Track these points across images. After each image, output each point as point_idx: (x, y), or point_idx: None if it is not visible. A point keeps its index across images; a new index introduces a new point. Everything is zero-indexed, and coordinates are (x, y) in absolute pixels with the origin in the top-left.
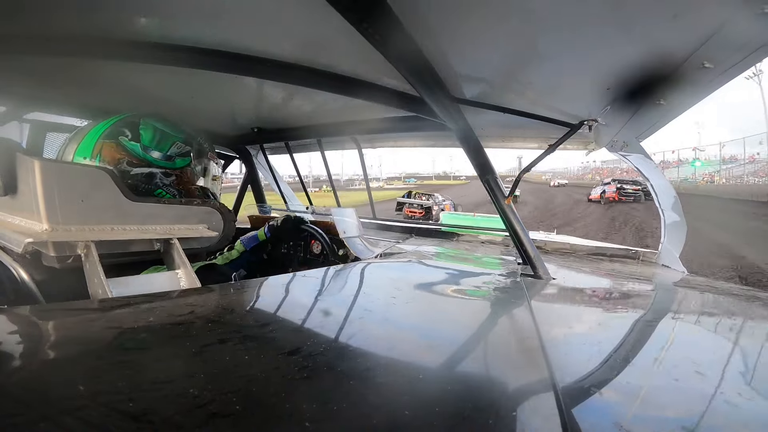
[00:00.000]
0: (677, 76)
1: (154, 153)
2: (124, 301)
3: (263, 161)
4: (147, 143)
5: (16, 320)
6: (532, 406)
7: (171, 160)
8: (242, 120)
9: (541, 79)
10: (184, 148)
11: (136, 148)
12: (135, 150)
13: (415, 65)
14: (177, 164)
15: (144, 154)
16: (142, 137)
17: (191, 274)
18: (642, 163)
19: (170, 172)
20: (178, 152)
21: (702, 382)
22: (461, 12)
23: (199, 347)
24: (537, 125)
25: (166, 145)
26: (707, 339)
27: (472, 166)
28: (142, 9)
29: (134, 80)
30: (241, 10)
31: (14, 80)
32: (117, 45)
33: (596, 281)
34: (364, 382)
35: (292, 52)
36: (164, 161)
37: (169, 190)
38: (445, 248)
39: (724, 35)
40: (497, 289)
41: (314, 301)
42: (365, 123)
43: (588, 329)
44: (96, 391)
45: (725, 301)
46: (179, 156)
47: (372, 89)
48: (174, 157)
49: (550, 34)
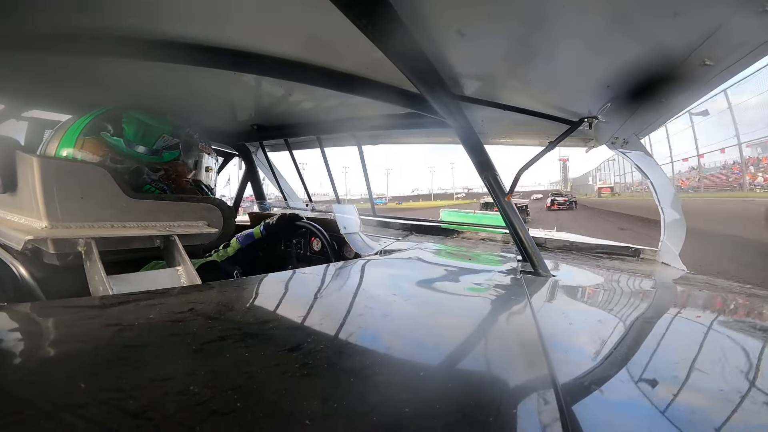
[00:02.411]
0: (678, 74)
1: (138, 147)
2: (125, 298)
3: (263, 158)
4: (131, 137)
5: (16, 318)
6: (533, 403)
7: (158, 154)
8: (241, 117)
9: (541, 76)
10: (172, 141)
11: (119, 143)
12: (118, 145)
13: (414, 62)
14: (165, 158)
15: (128, 150)
16: (125, 131)
17: (192, 270)
18: (642, 160)
19: (158, 166)
20: (165, 145)
21: (702, 380)
22: (461, 8)
23: (200, 344)
24: (537, 122)
25: (151, 138)
26: (707, 337)
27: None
28: (140, 6)
29: (132, 77)
30: (240, 7)
31: (12, 77)
32: (116, 42)
33: (596, 278)
34: (364, 380)
35: (292, 48)
36: (150, 155)
37: (157, 185)
38: (445, 245)
39: (724, 33)
40: (497, 286)
41: (315, 298)
42: (365, 120)
43: (588, 326)
44: (96, 388)
45: (725, 298)
46: (167, 149)
47: (372, 86)
48: (161, 151)
49: (550, 31)
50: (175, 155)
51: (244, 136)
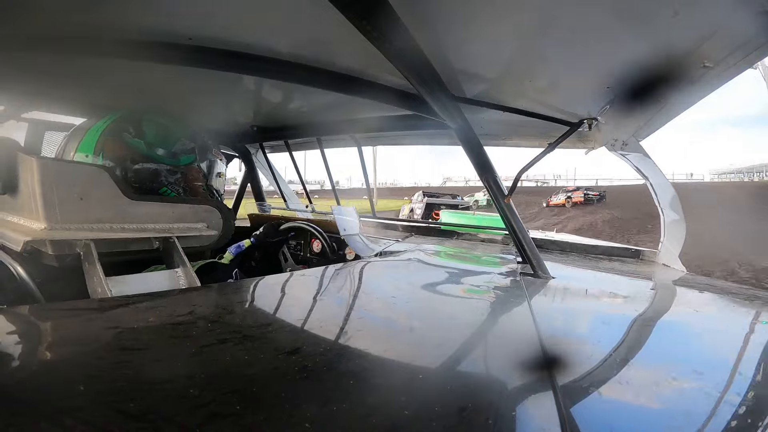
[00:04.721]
0: (677, 75)
1: (158, 150)
2: (124, 300)
3: (263, 160)
4: (151, 140)
5: (15, 320)
6: (532, 405)
7: (176, 157)
8: (241, 118)
9: (540, 78)
10: (189, 145)
11: (140, 144)
12: (139, 147)
13: (414, 63)
14: (182, 161)
15: (148, 151)
16: (146, 134)
17: (191, 272)
18: (641, 162)
19: (175, 169)
20: (183, 149)
21: (701, 381)
22: (461, 10)
23: (199, 347)
24: (537, 124)
25: (170, 141)
26: (706, 338)
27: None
28: (140, 7)
29: (132, 78)
30: (240, 8)
31: (12, 78)
32: (115, 43)
33: (596, 280)
34: (363, 382)
35: (292, 50)
36: (169, 158)
37: (174, 188)
38: (444, 247)
39: (724, 34)
40: (497, 288)
41: (314, 301)
42: (365, 121)
43: (587, 328)
44: (96, 390)
45: (724, 300)
46: (184, 153)
47: (371, 87)
48: (179, 155)
49: (550, 32)
50: (191, 159)
51: (244, 138)
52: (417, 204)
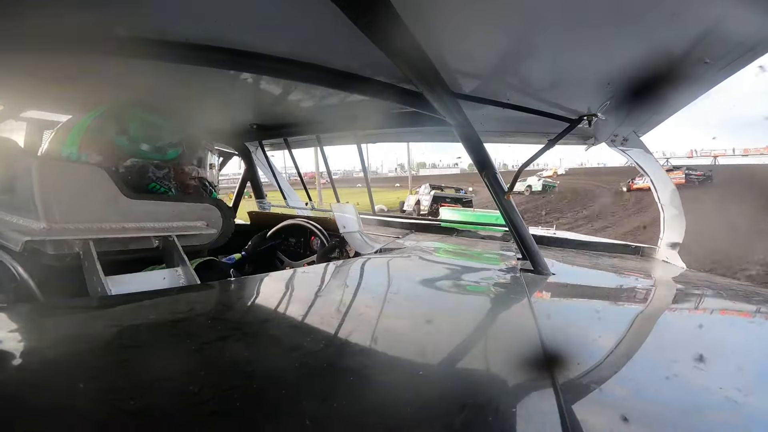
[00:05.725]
0: (677, 72)
1: (143, 145)
2: (123, 298)
3: (262, 158)
4: (135, 136)
5: (15, 318)
6: (532, 401)
7: (162, 151)
8: (240, 116)
9: (540, 74)
10: (175, 139)
11: (122, 141)
12: (122, 143)
13: (414, 60)
14: (169, 156)
15: (132, 148)
16: (130, 130)
17: (190, 270)
18: (641, 158)
19: (162, 164)
20: (169, 143)
21: (701, 378)
22: (461, 7)
23: (199, 344)
24: (536, 120)
25: (155, 136)
26: (706, 334)
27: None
28: (138, 5)
29: (130, 77)
30: (238, 5)
31: (11, 77)
32: (115, 42)
33: (596, 276)
34: (364, 379)
35: (291, 47)
36: (155, 153)
37: (163, 183)
38: (444, 244)
39: (723, 31)
40: (497, 284)
41: (314, 298)
42: (364, 119)
43: (587, 324)
44: (96, 388)
45: (724, 296)
46: (170, 147)
47: (371, 85)
48: (165, 149)
49: (550, 29)
50: (179, 153)
51: (243, 136)
52: (424, 196)
